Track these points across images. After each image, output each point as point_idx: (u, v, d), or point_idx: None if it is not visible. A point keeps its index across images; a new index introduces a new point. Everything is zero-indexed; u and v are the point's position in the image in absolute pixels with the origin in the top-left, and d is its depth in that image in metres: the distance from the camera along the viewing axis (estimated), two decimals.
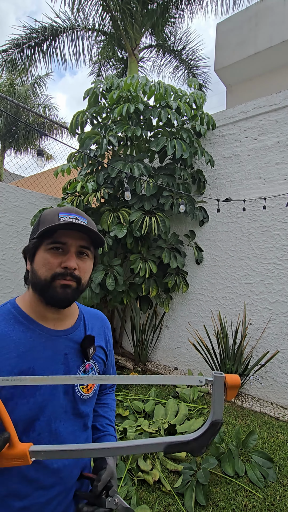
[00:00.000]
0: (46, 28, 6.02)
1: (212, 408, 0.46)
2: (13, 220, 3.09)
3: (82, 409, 0.71)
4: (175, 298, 3.40)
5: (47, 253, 0.64)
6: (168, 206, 2.97)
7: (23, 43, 6.05)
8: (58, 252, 0.64)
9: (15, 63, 6.18)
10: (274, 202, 2.73)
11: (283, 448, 1.98)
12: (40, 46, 6.19)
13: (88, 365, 0.73)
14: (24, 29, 5.94)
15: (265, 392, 2.70)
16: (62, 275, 0.63)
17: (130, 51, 6.10)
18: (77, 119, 3.20)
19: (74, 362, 0.70)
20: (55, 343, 0.67)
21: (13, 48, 6.07)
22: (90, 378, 0.55)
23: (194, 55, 7.31)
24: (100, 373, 0.77)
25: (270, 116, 2.82)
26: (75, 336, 0.72)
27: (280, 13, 5.32)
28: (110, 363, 0.87)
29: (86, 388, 0.72)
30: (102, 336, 0.82)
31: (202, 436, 0.47)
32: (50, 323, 0.69)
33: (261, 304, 2.76)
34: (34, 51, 6.20)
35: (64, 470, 0.65)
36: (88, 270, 0.69)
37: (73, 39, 6.39)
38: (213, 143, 3.22)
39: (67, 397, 0.68)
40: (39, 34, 6.05)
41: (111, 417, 0.87)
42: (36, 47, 6.17)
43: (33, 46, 6.15)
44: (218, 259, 3.10)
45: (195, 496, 1.56)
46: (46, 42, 6.18)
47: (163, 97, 2.96)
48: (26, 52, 6.13)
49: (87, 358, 0.72)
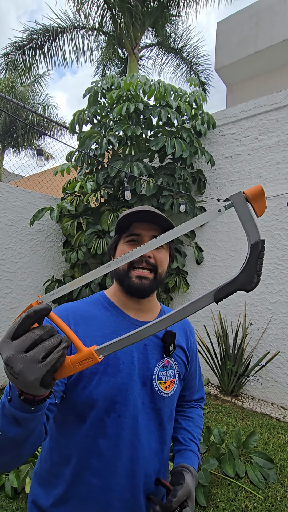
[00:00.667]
0: (47, 29, 6.05)
1: (245, 232, 0.41)
2: (13, 220, 3.08)
3: (159, 405, 0.69)
4: (175, 298, 3.39)
5: (125, 245, 0.70)
6: (168, 206, 2.96)
7: (24, 45, 6.09)
8: (134, 243, 0.69)
9: (16, 65, 6.21)
10: (274, 201, 2.72)
11: (284, 449, 1.98)
12: (41, 48, 6.23)
13: (167, 361, 0.72)
14: (25, 31, 5.99)
15: (266, 393, 2.69)
16: (137, 263, 0.67)
17: (130, 50, 6.08)
18: (77, 118, 3.19)
19: (153, 355, 0.70)
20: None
21: (14, 50, 6.11)
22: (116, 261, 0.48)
23: (195, 53, 7.28)
24: (180, 375, 0.75)
25: (271, 115, 2.80)
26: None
27: (281, 12, 5.30)
28: (193, 370, 0.83)
29: (165, 384, 0.71)
30: (183, 337, 0.80)
31: (248, 265, 0.41)
32: (132, 312, 0.72)
33: (262, 304, 2.75)
34: (35, 52, 6.23)
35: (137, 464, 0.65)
36: (164, 259, 0.71)
37: (73, 39, 6.39)
38: (213, 143, 3.21)
39: (144, 389, 0.68)
40: (40, 35, 6.08)
41: (195, 433, 0.82)
42: (37, 48, 6.20)
43: (34, 48, 6.19)
44: (218, 259, 3.09)
45: (196, 497, 1.55)
46: (47, 43, 6.21)
47: (163, 96, 2.95)
48: (27, 53, 6.17)
49: (167, 354, 0.71)
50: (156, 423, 0.70)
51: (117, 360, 0.65)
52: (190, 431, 0.82)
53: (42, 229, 3.26)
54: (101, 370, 0.63)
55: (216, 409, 2.49)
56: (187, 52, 7.28)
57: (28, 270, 3.19)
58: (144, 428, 0.67)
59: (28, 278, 3.20)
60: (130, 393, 0.65)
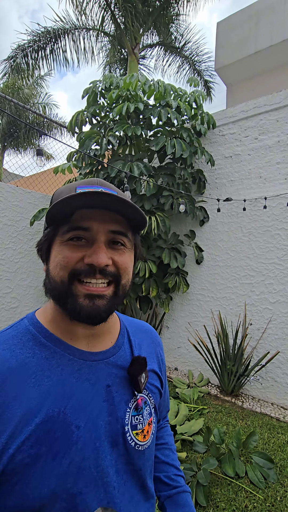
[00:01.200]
0: (48, 31, 6.13)
1: None
2: (12, 220, 3.08)
3: (139, 465, 0.50)
4: (175, 298, 3.39)
5: (64, 246, 0.45)
6: (168, 205, 2.96)
7: (27, 47, 6.20)
8: (79, 243, 0.45)
9: (20, 68, 6.34)
10: (274, 201, 2.72)
11: (284, 449, 1.98)
12: (44, 50, 6.33)
13: (141, 399, 0.53)
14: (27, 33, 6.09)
15: (266, 393, 2.69)
16: (87, 274, 0.44)
17: (130, 50, 6.08)
18: (76, 119, 3.19)
19: (121, 396, 0.50)
20: (92, 370, 0.48)
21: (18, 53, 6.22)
22: None
23: (197, 51, 7.27)
24: (156, 407, 0.56)
25: (271, 115, 2.80)
26: (119, 359, 0.53)
27: (281, 12, 5.29)
28: (165, 393, 0.65)
29: (142, 433, 0.51)
30: (154, 356, 0.61)
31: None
32: (82, 343, 0.50)
33: (262, 304, 2.75)
34: (38, 55, 6.33)
35: None
36: (129, 264, 0.49)
37: (76, 41, 6.44)
38: (213, 143, 3.21)
39: (116, 451, 0.47)
40: (42, 37, 6.18)
41: (176, 462, 0.66)
42: (39, 51, 6.30)
43: (37, 50, 6.28)
44: (218, 259, 3.09)
45: (196, 497, 1.55)
46: (49, 44, 6.31)
47: (163, 96, 2.95)
48: (30, 56, 6.28)
49: (139, 390, 0.51)
50: (138, 490, 0.50)
51: (67, 427, 0.42)
52: (172, 463, 0.65)
53: (42, 229, 3.26)
54: (43, 453, 0.39)
55: (216, 409, 2.49)
56: (189, 50, 7.27)
57: (28, 270, 3.20)
58: (126, 507, 0.47)
59: (28, 278, 3.20)
60: (97, 469, 0.43)
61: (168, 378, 3.10)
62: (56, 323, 0.49)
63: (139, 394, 0.53)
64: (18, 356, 0.44)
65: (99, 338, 0.52)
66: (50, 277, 0.46)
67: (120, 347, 0.55)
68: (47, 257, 0.48)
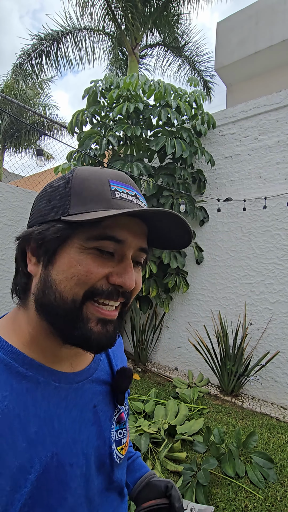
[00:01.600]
0: (51, 34, 6.25)
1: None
2: (13, 220, 3.08)
3: (119, 476, 0.48)
4: (175, 298, 3.39)
5: (87, 256, 0.36)
6: (168, 206, 2.96)
7: (31, 51, 6.33)
8: (105, 256, 0.37)
9: (25, 72, 6.50)
10: (274, 201, 2.72)
11: (284, 449, 1.98)
12: (48, 53, 6.46)
13: (123, 413, 0.50)
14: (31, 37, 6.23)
15: (266, 393, 2.69)
16: (108, 295, 0.37)
17: (130, 50, 6.09)
18: (76, 118, 3.19)
19: (105, 414, 0.46)
20: (79, 394, 0.43)
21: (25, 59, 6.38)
22: None
23: (197, 51, 7.27)
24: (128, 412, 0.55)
25: (271, 115, 2.80)
26: (101, 374, 0.48)
27: (281, 12, 5.30)
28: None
29: (125, 446, 0.49)
30: (124, 358, 0.59)
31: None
32: (65, 365, 0.42)
33: (262, 304, 2.75)
34: (41, 58, 6.46)
35: None
36: (140, 285, 0.43)
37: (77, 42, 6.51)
38: (213, 143, 3.21)
39: (103, 471, 0.44)
40: (44, 41, 6.29)
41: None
42: (42, 54, 6.43)
43: (40, 54, 6.40)
44: (218, 259, 3.09)
45: (196, 497, 1.55)
46: (52, 47, 6.43)
47: (163, 96, 2.95)
48: (34, 60, 6.42)
49: (121, 402, 0.48)
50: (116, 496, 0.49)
51: (61, 470, 0.37)
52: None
53: None
54: (36, 503, 0.34)
55: (216, 409, 2.49)
56: (189, 51, 7.28)
57: None
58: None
59: None
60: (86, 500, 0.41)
61: (168, 378, 3.10)
62: (37, 344, 0.39)
63: (121, 407, 0.49)
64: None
65: (81, 356, 0.45)
66: (55, 290, 0.36)
67: (99, 359, 0.50)
68: (50, 260, 0.37)
